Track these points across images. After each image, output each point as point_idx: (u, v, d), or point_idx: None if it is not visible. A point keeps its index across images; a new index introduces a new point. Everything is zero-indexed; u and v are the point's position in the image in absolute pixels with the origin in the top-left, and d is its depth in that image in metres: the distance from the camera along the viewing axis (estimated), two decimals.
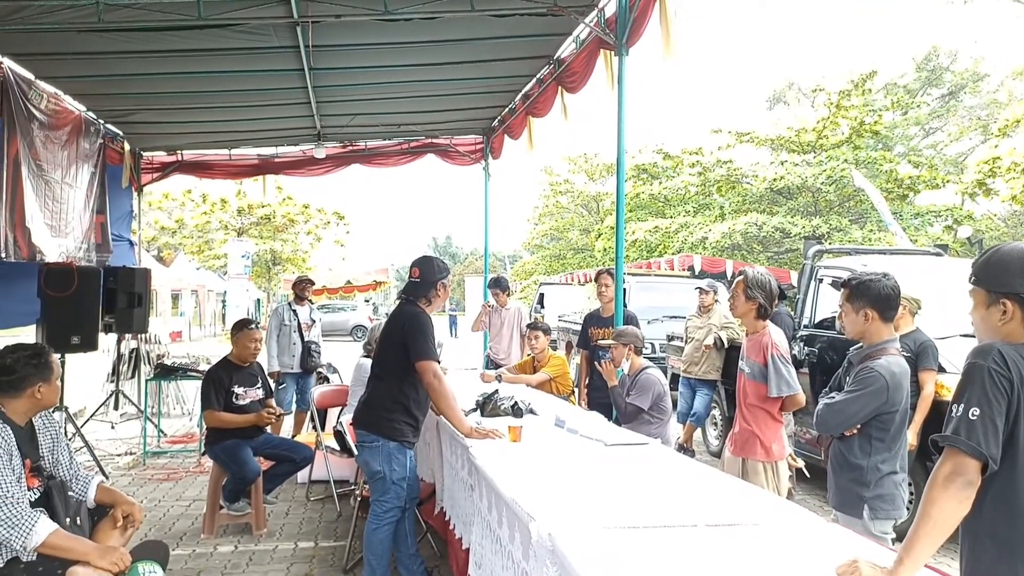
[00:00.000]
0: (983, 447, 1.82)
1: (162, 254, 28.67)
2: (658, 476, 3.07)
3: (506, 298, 8.05)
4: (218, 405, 5.16)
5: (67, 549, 2.80)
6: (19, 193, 5.98)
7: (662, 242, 23.15)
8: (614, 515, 2.40)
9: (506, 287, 8.09)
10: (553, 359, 6.23)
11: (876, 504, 2.99)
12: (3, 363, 2.98)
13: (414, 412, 3.86)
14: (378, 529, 3.83)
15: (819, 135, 21.81)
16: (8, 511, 2.70)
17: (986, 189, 16.75)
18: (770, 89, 37.64)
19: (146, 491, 6.36)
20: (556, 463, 3.29)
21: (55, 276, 6.67)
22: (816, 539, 2.27)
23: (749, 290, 3.75)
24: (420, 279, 3.95)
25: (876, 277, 3.02)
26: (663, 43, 5.28)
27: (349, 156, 10.15)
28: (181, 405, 10.00)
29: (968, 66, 30.69)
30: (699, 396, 7.64)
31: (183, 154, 10.11)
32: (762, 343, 3.70)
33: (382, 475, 3.81)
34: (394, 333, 3.89)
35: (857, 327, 3.08)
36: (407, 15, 5.67)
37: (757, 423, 3.72)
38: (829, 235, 19.77)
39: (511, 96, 8.44)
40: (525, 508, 2.42)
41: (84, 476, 3.21)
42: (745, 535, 2.26)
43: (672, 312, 10.78)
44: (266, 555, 4.84)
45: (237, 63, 6.72)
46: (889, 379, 2.93)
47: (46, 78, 6.75)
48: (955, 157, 28.98)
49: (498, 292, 8.02)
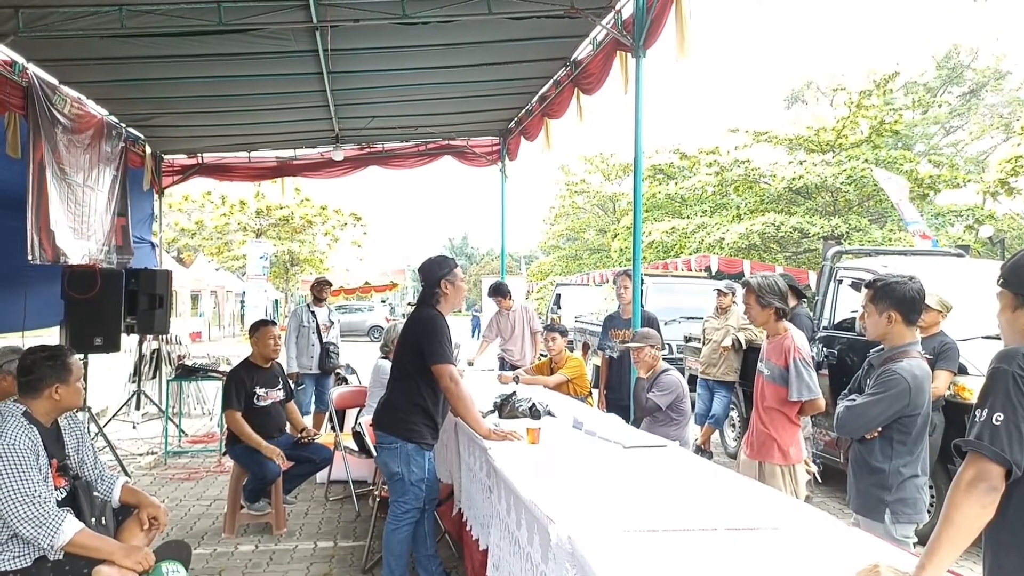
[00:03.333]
0: (1007, 452, 1.80)
1: (182, 255, 28.95)
2: (676, 479, 3.07)
3: (509, 301, 8.07)
4: (238, 405, 5.20)
5: (93, 548, 2.85)
6: (44, 196, 6.08)
7: (679, 242, 23.06)
8: (633, 518, 2.40)
9: (506, 292, 8.11)
10: (570, 360, 6.23)
11: (898, 508, 2.96)
12: (23, 363, 3.04)
13: (432, 414, 3.87)
14: (397, 530, 3.86)
15: (838, 134, 21.62)
16: (36, 510, 2.75)
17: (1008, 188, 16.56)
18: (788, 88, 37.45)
19: (167, 490, 6.43)
20: (574, 465, 3.30)
21: (78, 278, 6.76)
22: (837, 543, 2.25)
23: (760, 298, 3.72)
24: (425, 282, 3.99)
25: (902, 280, 2.99)
26: (677, 44, 5.28)
27: (367, 158, 10.21)
28: (202, 405, 10.11)
29: (990, 64, 30.32)
30: (717, 398, 7.61)
31: (203, 157, 10.22)
32: (784, 346, 3.67)
33: (400, 476, 3.83)
34: (410, 337, 3.92)
35: (879, 329, 3.06)
36: (424, 18, 5.70)
37: (774, 426, 3.70)
38: (848, 235, 19.60)
39: (528, 98, 8.45)
40: (544, 510, 2.43)
41: (109, 476, 3.26)
42: (765, 539, 2.25)
43: (690, 313, 10.72)
44: (286, 555, 4.88)
45: (256, 67, 6.79)
46: (911, 382, 2.90)
47: (69, 83, 6.85)
48: (976, 156, 28.64)
49: (500, 299, 8.04)
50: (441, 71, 7.19)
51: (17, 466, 2.77)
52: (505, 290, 8.14)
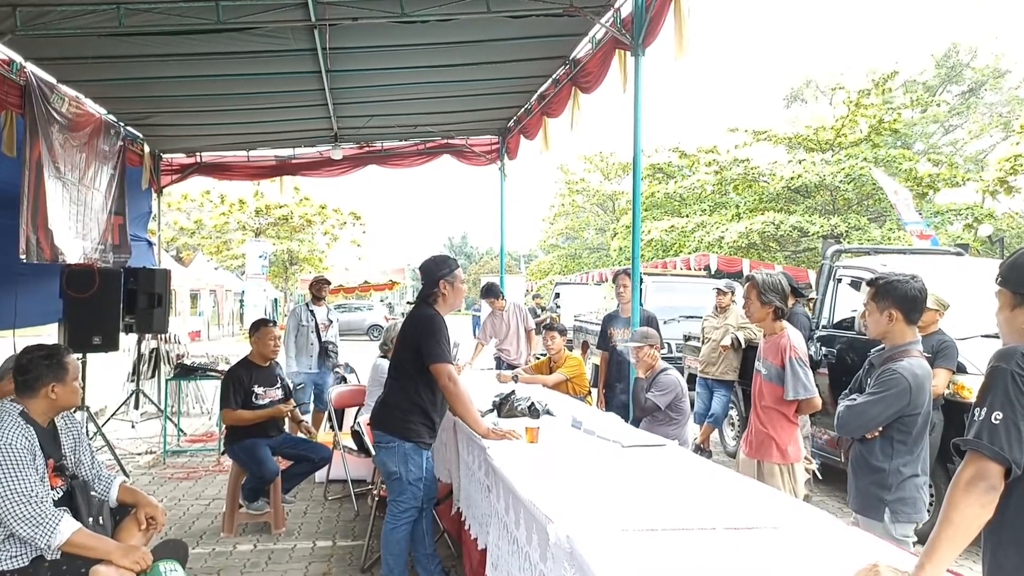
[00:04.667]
0: (1006, 451, 1.79)
1: (181, 254, 28.94)
2: (675, 478, 3.06)
3: (502, 302, 8.06)
4: (236, 404, 5.20)
5: (90, 548, 2.84)
6: (41, 195, 6.05)
7: (678, 241, 23.06)
8: (632, 517, 2.40)
9: (498, 293, 8.11)
10: (569, 359, 6.22)
11: (897, 507, 2.96)
12: (19, 362, 3.03)
13: (430, 414, 3.87)
14: (395, 529, 3.85)
15: (838, 133, 21.62)
16: (32, 509, 2.75)
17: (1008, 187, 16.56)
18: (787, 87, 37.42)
19: (166, 490, 6.42)
20: (573, 464, 3.29)
21: (77, 277, 6.75)
22: (836, 543, 2.25)
23: (762, 295, 3.72)
24: (424, 281, 3.99)
25: (904, 278, 2.98)
26: (676, 42, 5.27)
27: (366, 157, 10.20)
28: (200, 404, 10.10)
29: (989, 62, 30.32)
30: (717, 397, 7.61)
31: (202, 156, 10.20)
32: (780, 345, 3.68)
33: (398, 476, 3.83)
34: (408, 335, 3.92)
35: (880, 327, 3.05)
36: (423, 17, 5.69)
37: (772, 425, 3.70)
38: (848, 234, 19.60)
39: (527, 97, 8.44)
40: (543, 510, 2.42)
41: (106, 476, 3.26)
42: (764, 538, 2.25)
43: (689, 312, 10.72)
44: (285, 554, 4.87)
45: (255, 66, 6.77)
46: (912, 381, 2.90)
47: (67, 82, 6.83)
48: (975, 155, 28.64)
49: (492, 300, 8.03)
50: (440, 70, 7.17)
51: (13, 466, 2.76)
52: (497, 291, 8.13)
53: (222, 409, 5.37)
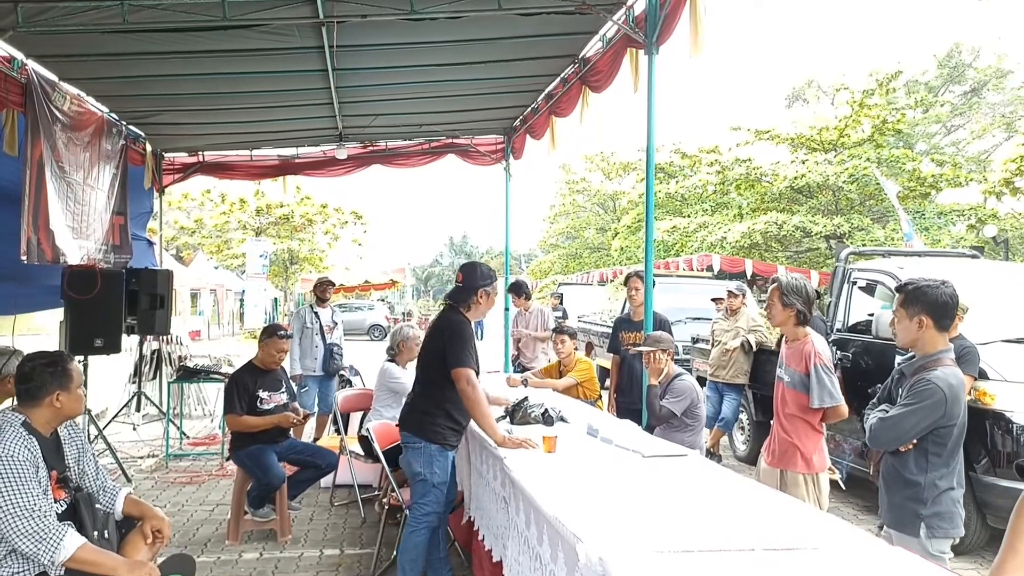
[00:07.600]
0: None
1: (181, 254, 28.80)
2: (702, 491, 2.95)
3: (527, 302, 7.94)
4: (241, 409, 5.09)
5: (96, 564, 2.73)
6: (43, 195, 5.95)
7: (679, 241, 22.94)
8: (665, 537, 2.29)
9: (523, 291, 7.98)
10: (580, 363, 6.11)
11: (934, 522, 2.85)
12: (21, 371, 2.92)
13: (456, 417, 3.87)
14: (415, 532, 3.81)
15: (840, 133, 21.52)
16: (35, 524, 2.63)
17: (1013, 188, 16.46)
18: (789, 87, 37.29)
19: (169, 495, 6.32)
20: (594, 476, 3.19)
21: (78, 279, 6.65)
22: (879, 564, 2.14)
23: (785, 297, 3.62)
24: (463, 284, 3.96)
25: (934, 283, 2.89)
26: (691, 41, 5.16)
27: (370, 156, 10.08)
28: (203, 406, 9.99)
29: (991, 62, 30.22)
30: (727, 401, 7.51)
31: (204, 155, 10.09)
32: (804, 351, 3.57)
33: (423, 477, 3.81)
34: (435, 339, 3.92)
35: (910, 335, 2.95)
36: (433, 14, 5.58)
37: (797, 434, 3.59)
38: (851, 234, 19.49)
39: (534, 96, 8.33)
40: (571, 528, 2.32)
41: (111, 488, 3.14)
42: (805, 560, 2.14)
43: (696, 314, 10.59)
44: (292, 562, 4.77)
45: (260, 64, 6.67)
46: (947, 391, 2.80)
47: (69, 80, 6.72)
48: (977, 155, 28.54)
49: (516, 297, 7.91)
50: (448, 68, 7.06)
51: (16, 479, 2.65)
52: (523, 288, 8.00)
53: (226, 414, 5.26)
